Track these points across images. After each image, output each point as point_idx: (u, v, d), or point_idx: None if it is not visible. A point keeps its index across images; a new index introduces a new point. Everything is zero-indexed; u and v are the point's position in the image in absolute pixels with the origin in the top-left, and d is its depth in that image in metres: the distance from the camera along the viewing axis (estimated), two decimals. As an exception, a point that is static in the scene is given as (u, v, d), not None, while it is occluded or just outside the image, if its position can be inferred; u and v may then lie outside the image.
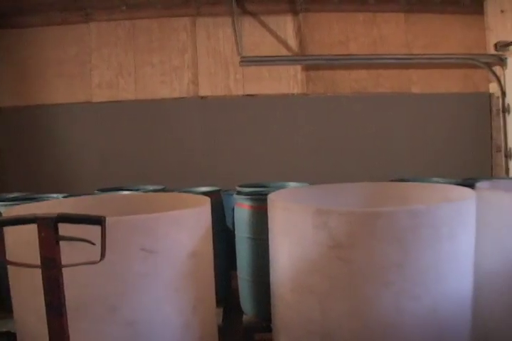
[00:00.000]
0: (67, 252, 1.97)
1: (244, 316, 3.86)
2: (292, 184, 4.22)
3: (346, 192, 3.42)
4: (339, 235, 2.42)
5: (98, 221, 1.95)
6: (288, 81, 6.11)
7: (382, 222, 2.40)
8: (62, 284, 1.93)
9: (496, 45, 5.94)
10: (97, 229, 1.94)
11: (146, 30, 6.07)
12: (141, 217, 2.58)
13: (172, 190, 4.22)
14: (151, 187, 4.48)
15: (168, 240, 2.54)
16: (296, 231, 2.59)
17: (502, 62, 5.94)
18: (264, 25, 6.07)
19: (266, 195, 2.99)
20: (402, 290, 2.44)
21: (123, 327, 2.44)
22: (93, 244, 1.97)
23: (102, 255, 1.96)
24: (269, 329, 3.12)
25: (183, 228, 2.62)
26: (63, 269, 1.94)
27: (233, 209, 3.98)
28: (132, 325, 2.45)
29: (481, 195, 2.86)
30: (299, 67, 6.13)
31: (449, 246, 2.52)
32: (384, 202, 3.26)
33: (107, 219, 1.96)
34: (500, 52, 5.93)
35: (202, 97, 6.10)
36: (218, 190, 4.26)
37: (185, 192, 4.07)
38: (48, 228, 1.90)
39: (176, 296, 2.58)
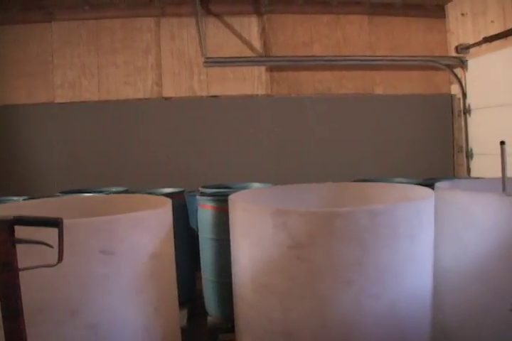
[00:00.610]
0: (26, 255, 1.94)
1: (209, 317, 3.85)
2: (256, 185, 4.23)
3: (308, 193, 3.44)
4: (299, 235, 2.43)
5: (55, 223, 1.92)
6: (252, 82, 6.14)
7: (341, 222, 2.41)
8: (19, 288, 1.90)
9: (456, 48, 6.07)
10: (56, 231, 1.91)
11: (110, 31, 6.03)
12: (100, 218, 2.56)
13: (134, 192, 4.20)
14: (113, 189, 4.44)
15: (129, 241, 2.52)
16: (255, 232, 2.60)
17: (463, 64, 6.07)
18: (228, 26, 6.08)
19: (229, 195, 2.99)
20: (361, 289, 2.46)
21: (83, 330, 2.41)
22: (50, 246, 1.94)
23: (60, 257, 1.92)
24: (233, 329, 3.11)
25: (143, 229, 2.60)
26: (21, 272, 1.91)
27: (197, 210, 3.97)
28: (93, 328, 2.42)
29: (440, 194, 2.92)
30: (263, 68, 6.16)
31: (407, 245, 2.55)
32: (345, 202, 3.29)
33: (64, 221, 1.93)
34: (461, 55, 6.07)
35: (166, 98, 6.08)
36: (182, 191, 4.24)
37: (148, 193, 4.04)
38: (4, 231, 1.87)
39: (136, 298, 2.56)
